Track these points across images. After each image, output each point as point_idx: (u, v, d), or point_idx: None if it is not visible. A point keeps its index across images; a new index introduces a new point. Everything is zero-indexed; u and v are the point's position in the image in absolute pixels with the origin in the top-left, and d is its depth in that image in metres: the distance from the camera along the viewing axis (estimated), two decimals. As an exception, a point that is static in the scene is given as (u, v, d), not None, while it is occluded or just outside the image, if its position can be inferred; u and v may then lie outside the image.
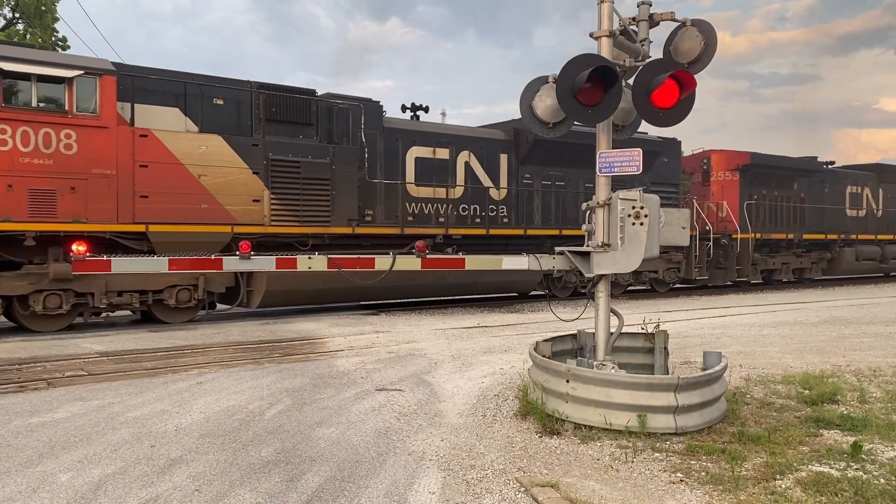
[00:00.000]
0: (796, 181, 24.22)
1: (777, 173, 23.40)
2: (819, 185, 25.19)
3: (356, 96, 15.33)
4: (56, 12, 30.17)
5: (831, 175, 26.21)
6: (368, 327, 12.69)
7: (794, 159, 24.74)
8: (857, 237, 26.34)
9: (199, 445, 5.64)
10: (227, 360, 9.36)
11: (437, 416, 6.56)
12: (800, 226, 24.29)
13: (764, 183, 23.08)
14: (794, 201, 24.06)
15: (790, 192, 23.99)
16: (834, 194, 25.75)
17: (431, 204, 16.01)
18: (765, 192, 22.83)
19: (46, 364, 9.01)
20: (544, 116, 6.79)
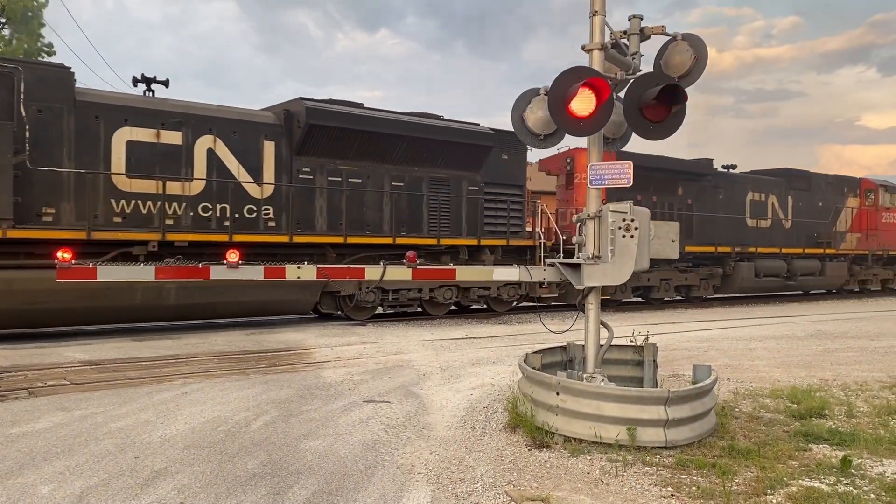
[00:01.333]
0: (682, 185, 21.43)
1: (656, 176, 20.26)
2: (712, 190, 22.37)
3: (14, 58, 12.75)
4: (42, 18, 30.00)
5: (727, 180, 23.17)
6: (355, 338, 12.61)
7: (675, 160, 21.59)
8: (757, 251, 23.23)
9: (184, 457, 5.55)
10: (212, 370, 9.25)
11: (425, 429, 6.50)
12: (685, 236, 21.64)
13: (639, 187, 18.71)
14: (679, 208, 21.11)
15: (674, 197, 21.14)
16: (731, 201, 22.81)
17: (154, 201, 12.75)
18: (640, 197, 19.45)
19: (28, 373, 8.87)
20: (535, 128, 6.79)
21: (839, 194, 26.61)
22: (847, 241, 26.69)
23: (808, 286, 25.88)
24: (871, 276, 27.78)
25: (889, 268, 28.75)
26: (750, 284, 22.88)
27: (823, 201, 25.82)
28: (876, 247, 27.40)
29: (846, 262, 26.35)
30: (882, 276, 28.45)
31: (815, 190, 25.79)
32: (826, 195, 26.01)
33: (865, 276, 27.55)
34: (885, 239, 27.82)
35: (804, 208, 25.18)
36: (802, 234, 25.00)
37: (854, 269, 26.90)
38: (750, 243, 23.15)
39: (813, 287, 26.24)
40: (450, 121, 17.08)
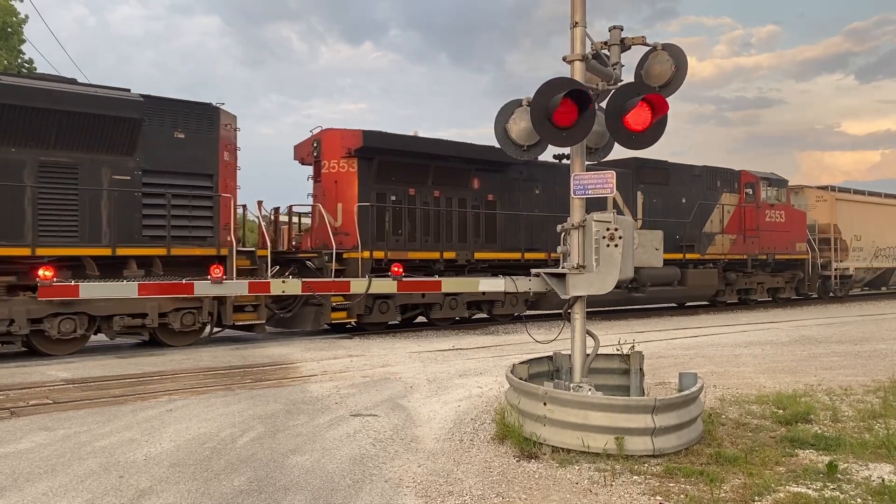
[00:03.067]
0: (477, 177, 17.59)
1: (438, 165, 16.78)
2: (525, 184, 18.42)
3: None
4: (22, 34, 29.85)
5: (547, 172, 18.65)
6: (342, 351, 12.56)
7: (465, 145, 17.32)
8: None
9: (170, 475, 5.49)
10: (197, 386, 9.17)
11: (413, 442, 6.48)
12: (479, 240, 17.41)
13: (408, 178, 16.46)
14: (475, 205, 17.49)
15: (466, 192, 17.33)
16: (554, 198, 18.41)
17: None
18: (413, 191, 16.43)
19: (9, 392, 8.76)
20: (519, 139, 6.82)
21: (710, 189, 22.83)
22: (718, 245, 22.64)
23: (664, 298, 21.55)
24: (753, 284, 24.08)
25: (778, 274, 25.01)
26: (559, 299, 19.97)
27: (688, 197, 22.03)
28: (757, 250, 23.49)
29: (717, 268, 22.56)
30: (769, 285, 24.77)
31: (677, 184, 21.91)
32: (691, 190, 22.22)
33: (746, 284, 23.83)
34: (769, 241, 23.96)
35: (661, 205, 21.21)
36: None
37: (730, 277, 23.07)
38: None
39: (671, 299, 22.11)
40: (80, 84, 13.00)
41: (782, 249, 24.61)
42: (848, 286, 28.95)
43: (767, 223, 23.97)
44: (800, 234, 25.50)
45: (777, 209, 24.44)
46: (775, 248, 24.27)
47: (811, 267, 26.07)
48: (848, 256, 27.89)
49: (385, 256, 15.53)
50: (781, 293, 25.57)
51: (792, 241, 25.13)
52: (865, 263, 29.18)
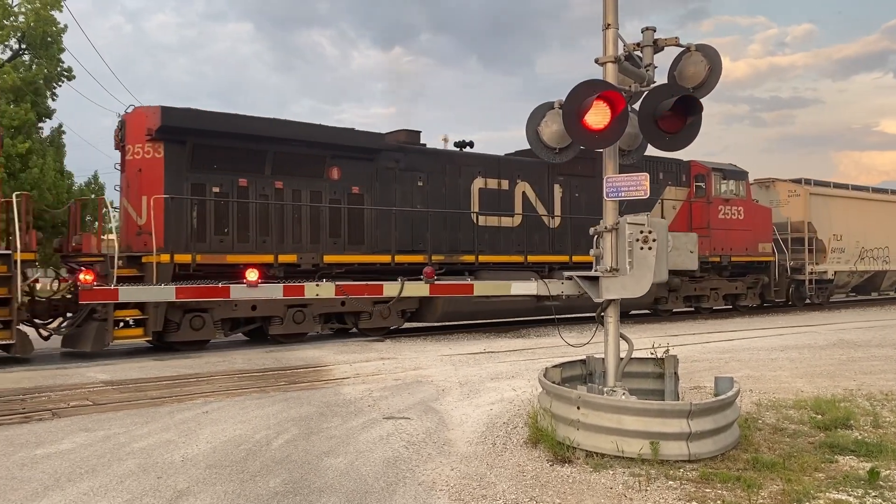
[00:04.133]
0: (338, 166, 15.13)
1: (279, 150, 14.34)
2: (403, 175, 16.04)
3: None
4: (62, 43, 30.47)
5: (433, 161, 16.60)
6: (374, 354, 12.63)
7: (319, 128, 14.97)
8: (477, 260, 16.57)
9: (207, 476, 5.57)
10: (232, 388, 9.29)
11: (446, 445, 6.49)
12: (340, 241, 15.05)
13: (238, 166, 13.98)
14: (334, 199, 15.08)
15: (317, 183, 14.93)
16: (442, 191, 16.56)
17: None
18: (245, 182, 14.04)
19: (51, 394, 8.95)
20: (550, 142, 6.80)
21: (651, 182, 22.14)
22: None
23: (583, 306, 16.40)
24: (706, 290, 21.22)
25: (738, 279, 22.17)
26: (465, 308, 15.92)
27: None
28: (708, 251, 20.41)
29: None
30: (727, 291, 21.93)
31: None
32: None
33: (696, 290, 20.95)
34: (724, 241, 21.06)
35: (586, 200, 18.59)
36: (582, 237, 17.45)
37: (673, 283, 19.98)
38: (482, 249, 16.83)
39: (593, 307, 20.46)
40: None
41: (741, 250, 21.69)
42: (828, 292, 25.87)
43: (721, 221, 21.05)
44: (763, 233, 22.55)
45: (734, 205, 21.60)
46: (731, 249, 21.39)
47: (778, 270, 23.20)
48: (826, 258, 24.91)
49: (192, 261, 13.01)
50: (742, 300, 22.62)
51: (753, 240, 22.20)
52: (848, 266, 26.03)
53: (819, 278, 24.80)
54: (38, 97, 28.15)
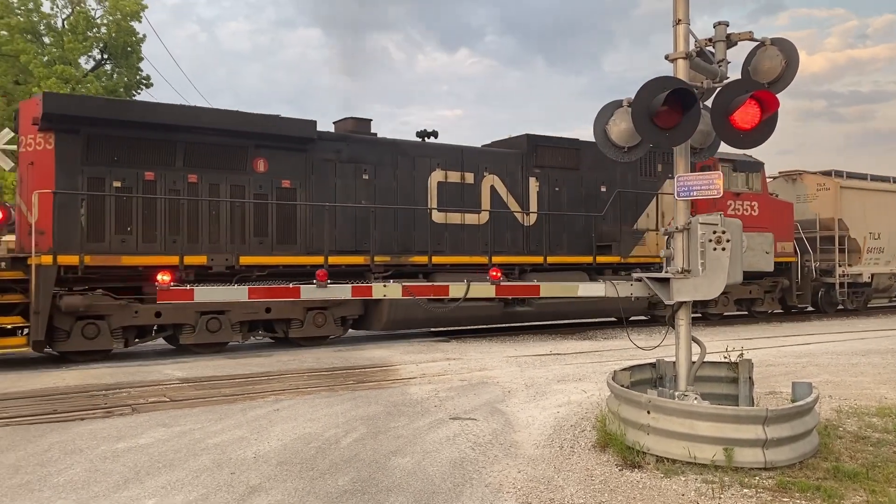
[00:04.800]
0: (261, 158, 13.72)
1: (194, 140, 13.03)
2: (343, 168, 14.59)
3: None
4: (140, 52, 31.73)
5: (380, 152, 15.09)
6: (440, 354, 12.67)
7: (238, 114, 13.53)
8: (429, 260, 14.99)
9: (278, 473, 5.69)
10: (302, 387, 9.47)
11: (512, 447, 6.45)
12: (267, 240, 13.74)
13: (143, 158, 12.70)
14: (261, 193, 13.67)
15: (240, 176, 13.48)
16: (393, 185, 15.10)
17: None
18: (152, 175, 12.76)
19: (131, 390, 9.30)
20: (619, 141, 6.69)
21: (646, 175, 18.38)
22: (650, 244, 17.83)
23: (563, 312, 16.65)
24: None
25: (753, 282, 19.77)
26: (417, 315, 14.22)
27: (609, 185, 17.57)
28: None
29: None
30: (738, 295, 19.59)
31: (592, 168, 17.33)
32: (615, 176, 17.65)
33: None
34: None
35: (568, 195, 17.18)
36: (563, 235, 16.95)
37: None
38: (440, 249, 15.32)
39: (574, 313, 16.77)
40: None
41: None
42: (865, 297, 23.07)
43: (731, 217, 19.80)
44: (783, 230, 19.71)
45: (747, 199, 19.22)
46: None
47: (801, 273, 20.75)
48: (861, 259, 22.14)
49: (80, 263, 11.73)
50: (759, 305, 20.25)
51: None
52: (889, 268, 23.08)
53: (853, 281, 22.18)
54: (118, 105, 29.20)
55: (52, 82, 26.07)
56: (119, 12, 29.95)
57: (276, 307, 13.33)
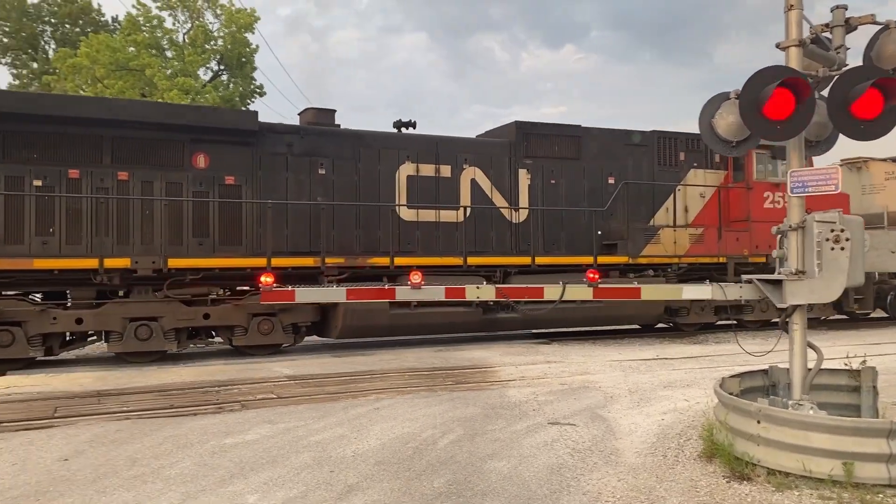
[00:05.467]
0: (201, 153, 12.83)
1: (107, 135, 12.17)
2: (296, 162, 13.52)
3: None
4: (254, 63, 33.18)
5: (339, 144, 13.92)
6: (540, 357, 12.50)
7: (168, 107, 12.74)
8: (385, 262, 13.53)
9: (375, 472, 5.75)
10: (402, 386, 9.56)
11: (613, 454, 6.26)
12: (208, 241, 12.80)
13: (66, 155, 12.01)
14: (199, 191, 12.77)
15: (176, 173, 12.63)
16: (354, 181, 13.90)
17: None
18: (76, 173, 12.01)
19: (241, 387, 9.67)
20: (726, 135, 6.35)
21: (664, 165, 16.38)
22: (665, 242, 15.64)
23: (553, 320, 14.55)
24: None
25: None
26: (379, 321, 13.35)
27: (619, 175, 15.79)
28: (747, 249, 16.18)
29: (664, 277, 15.54)
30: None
31: (597, 157, 15.77)
32: (625, 165, 16.00)
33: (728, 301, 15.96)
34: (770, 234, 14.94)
35: (568, 188, 15.57)
36: (560, 233, 15.34)
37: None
38: (411, 249, 14.07)
39: (568, 321, 15.23)
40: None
41: None
42: None
43: (768, 211, 16.30)
44: None
45: (782, 189, 16.04)
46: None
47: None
48: None
49: None
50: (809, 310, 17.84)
51: None
52: None
53: None
54: (233, 113, 30.69)
55: (174, 94, 27.68)
56: (234, 24, 31.45)
57: (215, 313, 12.57)
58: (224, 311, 12.69)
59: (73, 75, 30.04)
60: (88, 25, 38.14)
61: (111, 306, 11.99)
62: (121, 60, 29.10)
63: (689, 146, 16.63)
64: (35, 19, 39.28)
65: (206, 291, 12.60)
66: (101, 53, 28.89)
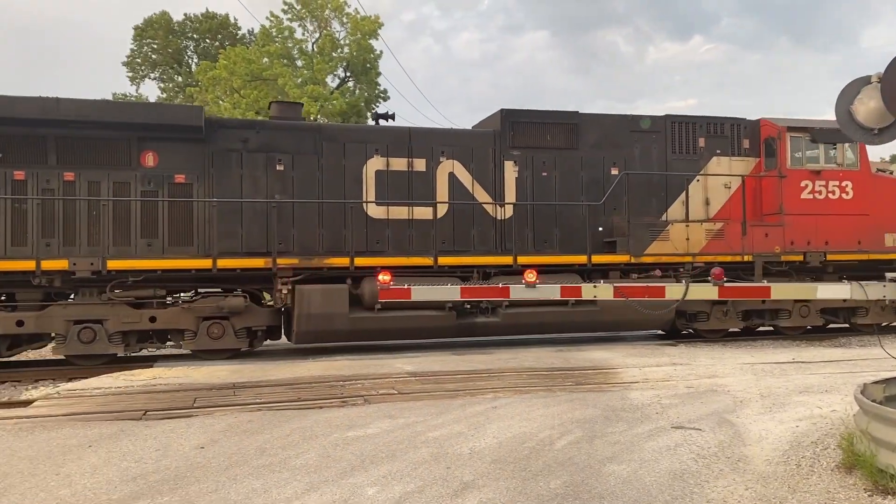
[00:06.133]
0: (149, 151, 12.52)
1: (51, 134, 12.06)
2: (251, 159, 12.99)
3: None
4: (378, 68, 34.12)
5: (298, 139, 13.30)
6: (665, 358, 12.09)
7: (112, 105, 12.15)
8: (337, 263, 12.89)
9: (491, 471, 5.76)
10: (520, 385, 9.52)
11: (741, 462, 5.95)
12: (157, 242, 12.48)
13: (8, 156, 11.93)
14: (144, 191, 12.45)
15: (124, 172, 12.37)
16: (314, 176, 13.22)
17: None
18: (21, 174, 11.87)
19: (365, 382, 9.97)
20: (867, 122, 5.89)
21: (680, 152, 14.93)
22: (675, 239, 14.13)
23: (541, 324, 14.06)
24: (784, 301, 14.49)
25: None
26: (339, 326, 12.74)
27: (624, 165, 14.50)
28: (780, 245, 14.52)
29: (674, 278, 13.85)
30: (825, 303, 14.77)
31: (598, 146, 14.56)
32: (632, 153, 14.69)
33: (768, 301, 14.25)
34: (812, 230, 14.70)
35: (563, 180, 14.39)
36: (553, 230, 14.24)
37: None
38: (380, 248, 13.41)
39: (557, 325, 14.19)
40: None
41: (847, 244, 14.86)
42: None
43: (806, 202, 14.75)
44: (891, 218, 15.35)
45: (833, 178, 14.99)
46: (828, 243, 14.77)
47: None
48: None
49: None
50: (861, 316, 15.30)
51: (874, 230, 15.12)
52: None
53: None
54: (359, 118, 31.83)
55: (304, 101, 28.95)
56: (359, 32, 32.47)
57: (161, 316, 12.34)
58: (171, 314, 12.45)
59: (212, 87, 32.07)
60: (226, 39, 40.65)
61: (54, 308, 11.95)
62: (255, 71, 30.76)
63: (710, 131, 15.12)
64: (180, 36, 42.28)
65: (150, 294, 12.38)
66: (237, 65, 30.68)
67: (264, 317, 12.95)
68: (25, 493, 5.34)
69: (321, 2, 32.44)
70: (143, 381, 10.28)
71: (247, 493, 5.30)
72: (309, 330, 12.67)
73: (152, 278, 12.17)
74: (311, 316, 12.50)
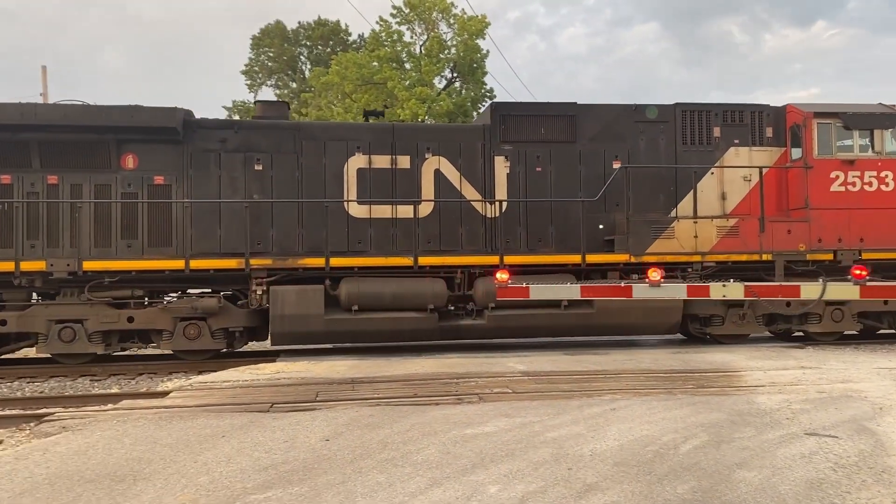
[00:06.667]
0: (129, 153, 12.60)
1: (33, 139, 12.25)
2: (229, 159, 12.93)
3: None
4: (485, 68, 34.21)
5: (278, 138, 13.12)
6: (792, 362, 11.48)
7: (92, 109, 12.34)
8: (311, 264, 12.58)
9: (614, 473, 5.65)
10: (638, 387, 9.31)
11: (885, 472, 5.57)
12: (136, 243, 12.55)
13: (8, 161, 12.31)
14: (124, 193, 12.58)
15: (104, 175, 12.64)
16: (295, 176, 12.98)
17: None
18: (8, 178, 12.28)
19: (478, 380, 10.02)
20: None
21: (691, 143, 13.85)
22: (682, 237, 13.11)
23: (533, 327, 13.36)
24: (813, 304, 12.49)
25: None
26: (313, 327, 12.47)
27: (629, 158, 13.62)
28: (805, 243, 13.26)
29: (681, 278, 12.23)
30: (862, 306, 13.26)
31: (598, 138, 13.71)
32: (637, 146, 13.78)
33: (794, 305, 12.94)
34: (843, 225, 13.35)
35: (558, 177, 13.58)
36: (548, 228, 13.53)
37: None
38: (362, 248, 13.04)
39: (550, 328, 13.49)
40: None
41: (883, 240, 13.40)
42: None
43: (836, 195, 13.44)
44: None
45: (868, 169, 13.53)
46: (862, 240, 13.37)
47: None
48: None
49: None
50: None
51: None
52: None
53: None
54: (465, 118, 32.05)
55: (412, 103, 29.42)
56: (466, 32, 32.66)
57: (139, 316, 12.44)
58: (148, 314, 12.56)
59: (325, 92, 33.11)
60: (338, 45, 41.92)
61: (36, 308, 12.36)
62: (366, 75, 31.51)
63: (726, 120, 14.00)
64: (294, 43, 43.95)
65: (128, 294, 12.53)
66: (349, 70, 31.53)
67: (241, 318, 12.84)
68: (168, 479, 5.69)
69: (429, 4, 32.84)
70: (267, 375, 10.75)
71: (372, 486, 5.43)
72: (284, 331, 12.59)
73: (128, 279, 12.36)
74: (284, 317, 12.41)
